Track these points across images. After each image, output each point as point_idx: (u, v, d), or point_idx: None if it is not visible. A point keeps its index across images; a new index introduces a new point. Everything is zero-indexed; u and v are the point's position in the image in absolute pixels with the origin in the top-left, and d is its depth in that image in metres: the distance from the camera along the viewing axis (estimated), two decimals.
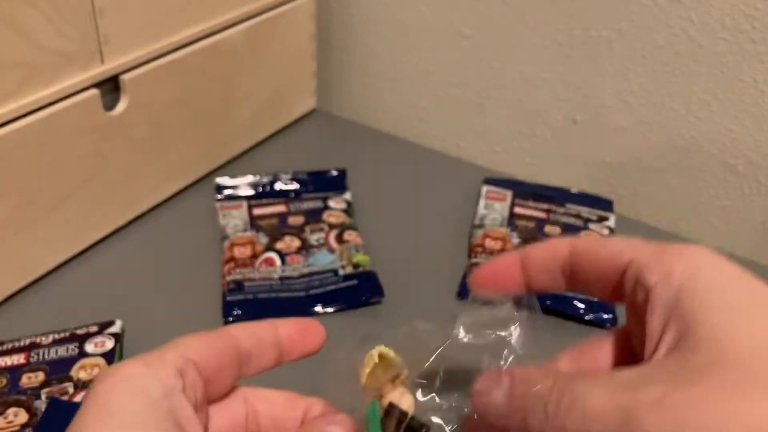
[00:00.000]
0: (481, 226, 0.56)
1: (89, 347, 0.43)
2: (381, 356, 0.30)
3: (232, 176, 0.60)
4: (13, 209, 0.46)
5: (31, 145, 0.45)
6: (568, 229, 0.55)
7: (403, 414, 0.28)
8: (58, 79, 0.46)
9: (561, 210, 0.58)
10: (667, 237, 0.59)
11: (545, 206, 0.58)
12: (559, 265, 0.29)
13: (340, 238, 0.53)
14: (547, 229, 0.55)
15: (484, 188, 0.60)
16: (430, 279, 0.52)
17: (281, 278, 0.50)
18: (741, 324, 0.23)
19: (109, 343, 0.43)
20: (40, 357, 0.42)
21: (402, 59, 0.70)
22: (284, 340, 0.30)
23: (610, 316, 0.48)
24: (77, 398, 0.40)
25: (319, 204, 0.57)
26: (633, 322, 0.27)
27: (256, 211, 0.56)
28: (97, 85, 0.49)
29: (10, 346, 0.43)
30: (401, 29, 0.69)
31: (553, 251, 0.29)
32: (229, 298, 0.48)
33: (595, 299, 0.49)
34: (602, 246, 0.28)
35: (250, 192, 0.59)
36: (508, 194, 0.59)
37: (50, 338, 0.43)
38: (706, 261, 0.26)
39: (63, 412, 0.38)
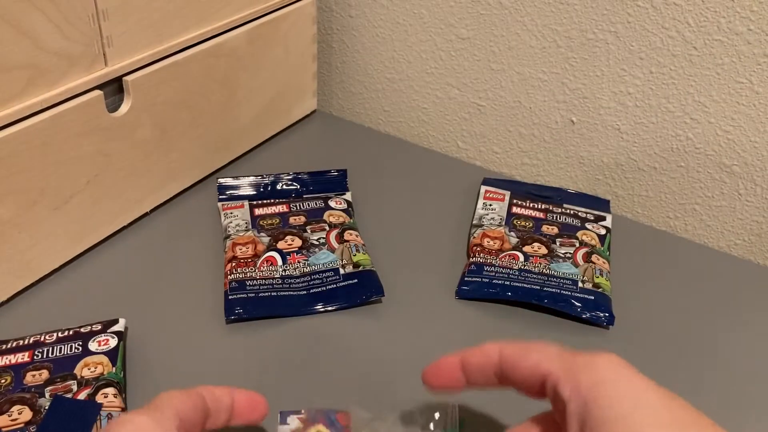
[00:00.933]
0: (479, 225, 0.56)
1: (93, 345, 0.43)
2: None
3: (234, 177, 0.60)
4: (17, 208, 0.47)
5: (36, 145, 0.46)
6: (566, 229, 0.56)
7: None
8: (62, 81, 0.47)
9: (558, 210, 0.58)
10: (664, 236, 0.60)
11: (543, 206, 0.59)
12: (491, 369, 0.33)
13: (340, 238, 0.54)
14: (545, 228, 0.56)
15: (483, 188, 0.61)
16: (429, 278, 0.53)
17: (282, 277, 0.50)
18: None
19: (113, 342, 0.44)
20: (44, 355, 0.43)
21: (402, 61, 0.71)
22: (236, 407, 0.35)
23: (607, 314, 0.49)
24: (81, 396, 0.40)
25: (320, 204, 0.57)
26: (561, 421, 0.30)
27: (258, 211, 0.57)
28: (100, 87, 0.49)
29: (14, 344, 0.43)
30: (401, 31, 0.69)
31: (486, 357, 0.33)
32: (230, 297, 0.49)
33: (591, 298, 0.49)
34: (524, 357, 0.31)
35: (252, 192, 0.59)
36: (507, 194, 0.60)
37: (54, 336, 0.44)
38: (609, 372, 0.28)
39: (66, 409, 0.39)
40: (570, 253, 0.53)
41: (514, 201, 0.59)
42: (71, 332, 0.44)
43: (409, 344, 0.47)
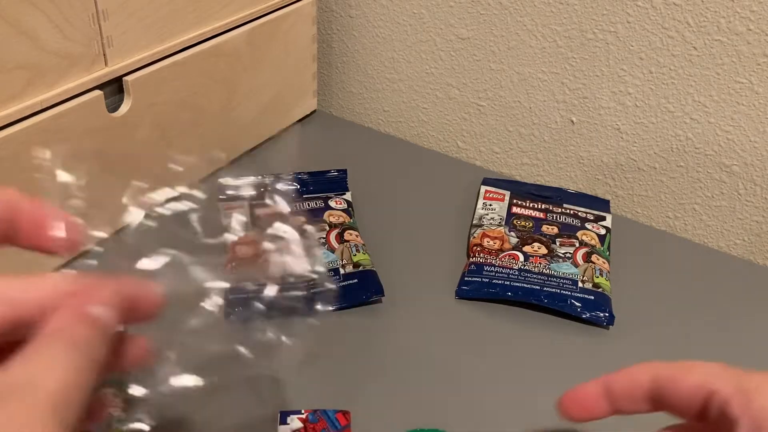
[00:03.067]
0: (479, 225, 0.56)
1: None
2: None
3: (235, 177, 0.60)
4: None
5: (36, 145, 0.46)
6: (566, 229, 0.56)
7: None
8: (62, 81, 0.47)
9: (558, 210, 0.58)
10: (663, 236, 0.60)
11: (543, 206, 0.59)
12: (642, 394, 0.31)
13: (340, 238, 0.54)
14: (545, 228, 0.56)
15: (483, 188, 0.61)
16: (429, 278, 0.53)
17: (282, 277, 0.50)
18: None
19: None
20: None
21: (402, 61, 0.71)
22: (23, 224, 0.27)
23: (607, 314, 0.49)
24: None
25: (320, 204, 0.58)
26: None
27: (258, 211, 0.57)
28: (100, 87, 0.49)
29: None
30: (401, 31, 0.69)
31: (635, 381, 0.31)
32: (230, 297, 0.49)
33: (591, 298, 0.50)
34: (684, 377, 0.29)
35: (252, 192, 0.59)
36: (507, 194, 0.60)
37: None
38: None
39: None
40: (570, 253, 0.53)
41: (514, 201, 0.59)
42: None
43: (409, 344, 0.47)
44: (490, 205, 0.59)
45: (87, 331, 0.24)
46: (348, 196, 0.60)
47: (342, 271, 0.51)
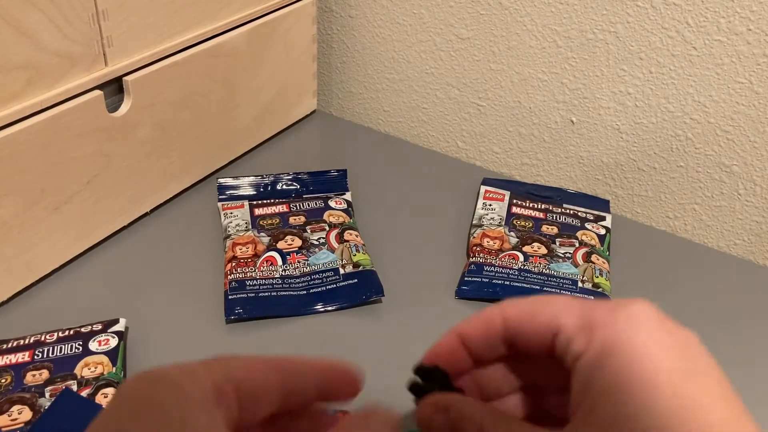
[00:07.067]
0: (479, 225, 0.56)
1: (93, 345, 0.43)
2: None
3: (234, 177, 0.60)
4: (17, 209, 0.47)
5: (36, 145, 0.46)
6: (566, 229, 0.56)
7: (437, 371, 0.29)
8: (62, 81, 0.47)
9: (558, 210, 0.58)
10: (663, 236, 0.60)
11: (543, 206, 0.59)
12: (497, 337, 0.28)
13: (340, 238, 0.54)
14: (545, 228, 0.56)
15: (483, 188, 0.61)
16: (429, 278, 0.53)
17: (282, 277, 0.50)
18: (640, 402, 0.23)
19: (113, 342, 0.44)
20: (45, 355, 0.43)
21: (401, 61, 0.71)
22: (325, 383, 0.27)
23: None
24: (82, 394, 0.40)
25: (320, 204, 0.58)
26: (550, 378, 0.28)
27: (258, 211, 0.57)
28: (100, 87, 0.49)
29: (15, 344, 0.44)
30: (401, 31, 0.69)
31: (488, 324, 0.28)
32: (230, 297, 0.49)
33: (591, 298, 0.49)
34: (537, 313, 0.27)
35: (252, 192, 0.59)
36: (506, 194, 0.60)
37: (54, 336, 0.44)
38: (629, 328, 0.24)
39: (73, 404, 0.39)
40: (570, 253, 0.53)
41: (514, 201, 0.59)
42: (71, 332, 0.44)
43: (409, 344, 0.47)
44: (490, 205, 0.59)
45: None
46: (348, 196, 0.60)
47: (342, 271, 0.51)
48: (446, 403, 0.27)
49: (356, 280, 0.50)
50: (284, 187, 0.60)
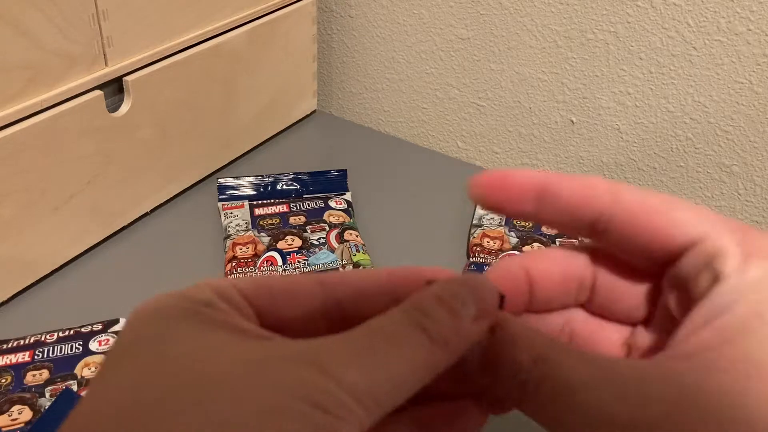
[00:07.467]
0: (479, 225, 0.56)
1: (93, 345, 0.43)
2: None
3: (234, 177, 0.60)
4: (18, 208, 0.47)
5: (36, 145, 0.46)
6: None
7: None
8: (62, 81, 0.47)
9: None
10: None
11: None
12: (589, 212, 0.22)
13: (340, 238, 0.54)
14: (545, 228, 0.56)
15: None
16: None
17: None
18: None
19: (113, 342, 0.44)
20: (45, 355, 0.43)
21: (401, 61, 0.71)
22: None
23: None
24: (82, 395, 0.40)
25: (320, 204, 0.58)
26: (670, 299, 0.23)
27: (258, 211, 0.57)
28: (100, 87, 0.49)
29: (15, 344, 0.44)
30: (401, 31, 0.69)
31: (589, 189, 0.22)
32: None
33: None
34: (661, 212, 0.22)
35: (252, 192, 0.59)
36: None
37: (55, 336, 0.44)
38: None
39: (71, 404, 0.39)
40: None
41: None
42: (72, 332, 0.44)
43: None
44: None
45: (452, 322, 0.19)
46: (348, 196, 0.60)
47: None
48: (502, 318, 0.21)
49: None
50: (284, 187, 0.60)
